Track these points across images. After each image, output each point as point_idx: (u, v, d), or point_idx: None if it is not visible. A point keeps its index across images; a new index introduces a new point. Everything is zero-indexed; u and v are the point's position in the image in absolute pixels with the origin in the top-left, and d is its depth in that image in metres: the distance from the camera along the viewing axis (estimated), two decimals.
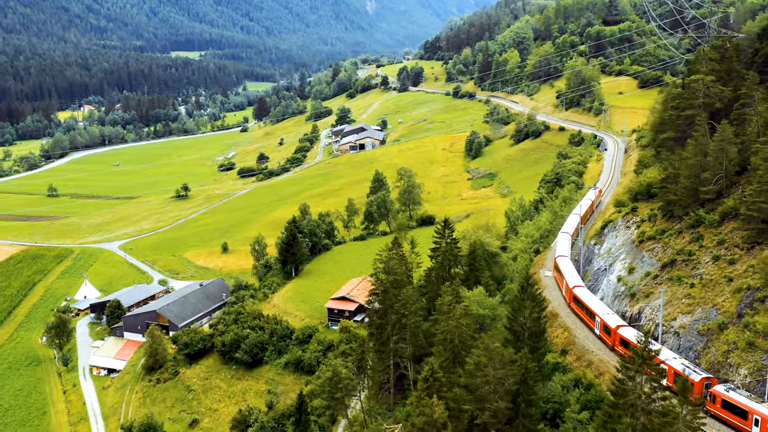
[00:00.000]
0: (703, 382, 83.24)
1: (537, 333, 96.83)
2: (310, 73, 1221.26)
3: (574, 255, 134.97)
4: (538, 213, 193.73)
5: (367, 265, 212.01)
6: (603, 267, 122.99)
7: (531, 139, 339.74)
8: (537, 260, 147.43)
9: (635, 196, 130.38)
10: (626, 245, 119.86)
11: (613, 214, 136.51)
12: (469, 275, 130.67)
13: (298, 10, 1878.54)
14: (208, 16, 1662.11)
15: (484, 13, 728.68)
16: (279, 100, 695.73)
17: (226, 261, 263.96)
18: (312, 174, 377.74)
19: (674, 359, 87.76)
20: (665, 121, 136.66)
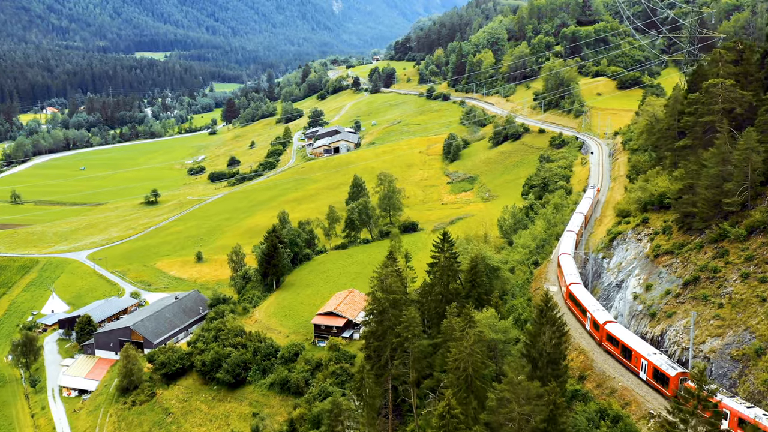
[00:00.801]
0: (678, 377, 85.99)
1: (557, 360, 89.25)
2: (278, 73, 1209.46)
3: (578, 252, 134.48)
4: (531, 221, 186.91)
5: (351, 276, 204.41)
6: (614, 282, 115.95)
7: (510, 141, 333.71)
8: (538, 273, 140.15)
9: (644, 206, 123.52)
10: (639, 259, 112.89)
11: (620, 225, 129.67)
12: (470, 291, 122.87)
13: (264, 10, 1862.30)
14: (172, 16, 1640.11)
15: (455, 13, 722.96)
16: (248, 101, 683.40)
17: (200, 271, 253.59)
18: (286, 178, 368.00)
19: (654, 354, 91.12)
20: (672, 127, 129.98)
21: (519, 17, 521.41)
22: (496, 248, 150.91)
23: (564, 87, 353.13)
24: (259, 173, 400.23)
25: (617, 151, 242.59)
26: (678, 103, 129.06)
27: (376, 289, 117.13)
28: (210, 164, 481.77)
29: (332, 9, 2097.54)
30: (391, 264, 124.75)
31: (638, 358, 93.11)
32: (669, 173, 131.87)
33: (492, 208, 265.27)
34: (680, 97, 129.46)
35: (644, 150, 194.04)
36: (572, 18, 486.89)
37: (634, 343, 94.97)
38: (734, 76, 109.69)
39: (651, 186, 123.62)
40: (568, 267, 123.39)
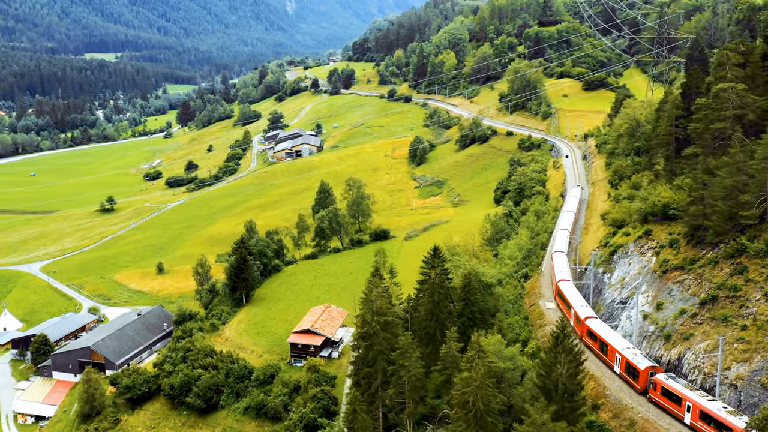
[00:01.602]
0: (648, 371, 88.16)
1: (573, 391, 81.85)
2: (232, 75, 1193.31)
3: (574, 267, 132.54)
4: (513, 230, 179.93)
5: (324, 288, 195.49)
6: (618, 299, 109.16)
7: (478, 144, 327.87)
8: (530, 288, 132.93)
9: (645, 217, 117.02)
10: (645, 275, 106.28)
11: (618, 237, 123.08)
12: (464, 310, 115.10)
13: (216, 11, 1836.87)
14: (123, 16, 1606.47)
15: (413, 13, 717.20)
16: (204, 103, 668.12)
17: (162, 283, 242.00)
18: (248, 184, 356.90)
19: (627, 349, 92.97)
20: (669, 133, 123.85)
21: (480, 18, 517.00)
22: (484, 261, 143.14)
23: (530, 89, 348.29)
24: (219, 178, 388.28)
25: (592, 154, 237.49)
26: (675, 108, 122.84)
27: (365, 311, 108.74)
28: (167, 169, 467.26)
29: (286, 9, 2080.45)
30: (378, 282, 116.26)
31: (613, 353, 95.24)
32: (666, 182, 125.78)
33: (463, 214, 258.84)
34: (678, 101, 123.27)
35: (626, 154, 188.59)
36: (534, 18, 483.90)
37: (610, 338, 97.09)
38: (739, 79, 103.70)
39: (653, 196, 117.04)
40: (560, 264, 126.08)
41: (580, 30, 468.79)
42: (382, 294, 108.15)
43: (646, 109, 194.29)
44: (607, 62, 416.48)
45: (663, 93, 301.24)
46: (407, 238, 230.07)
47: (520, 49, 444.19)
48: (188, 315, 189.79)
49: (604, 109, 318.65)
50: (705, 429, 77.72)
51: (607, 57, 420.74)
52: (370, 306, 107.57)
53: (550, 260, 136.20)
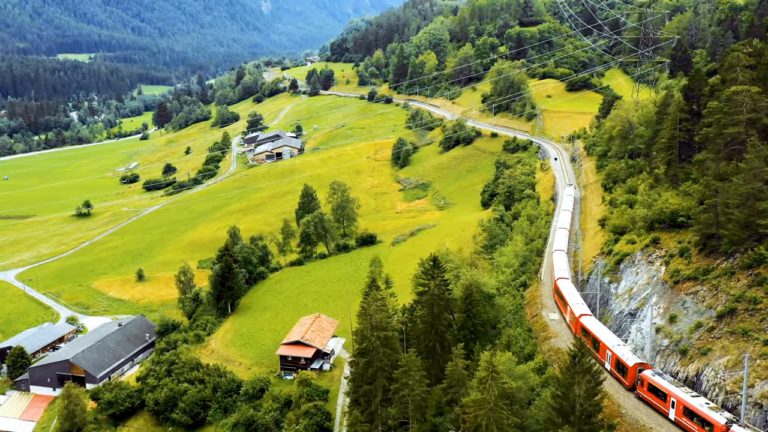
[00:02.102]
0: (636, 368, 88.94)
1: (592, 413, 77.50)
2: (208, 75, 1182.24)
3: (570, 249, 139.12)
4: (506, 235, 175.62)
5: (312, 296, 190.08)
6: (626, 311, 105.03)
7: (462, 146, 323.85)
8: (530, 297, 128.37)
9: (651, 225, 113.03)
10: (655, 285, 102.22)
11: (622, 244, 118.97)
12: (465, 323, 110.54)
13: (191, 11, 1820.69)
14: (96, 16, 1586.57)
15: (391, 13, 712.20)
16: (181, 105, 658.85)
17: (143, 291, 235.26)
18: (228, 187, 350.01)
19: (618, 346, 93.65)
20: (673, 137, 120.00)
21: (460, 18, 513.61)
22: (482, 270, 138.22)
23: (514, 90, 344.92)
24: (198, 181, 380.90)
25: (581, 156, 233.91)
26: (679, 111, 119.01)
27: (364, 326, 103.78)
28: (144, 172, 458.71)
29: (261, 9, 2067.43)
30: (377, 294, 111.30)
31: (604, 350, 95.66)
32: (671, 187, 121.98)
33: (450, 217, 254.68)
34: (682, 104, 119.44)
35: (619, 157, 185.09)
36: (514, 19, 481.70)
37: (602, 336, 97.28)
38: (751, 82, 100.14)
39: (658, 202, 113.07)
40: (559, 263, 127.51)
41: (561, 30, 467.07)
42: (381, 308, 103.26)
43: (637, 111, 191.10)
44: (589, 63, 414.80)
45: (649, 94, 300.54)
46: (395, 243, 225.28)
47: (501, 49, 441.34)
48: (171, 325, 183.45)
49: (589, 110, 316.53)
50: (688, 424, 78.73)
51: (589, 57, 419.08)
52: (368, 320, 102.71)
53: (549, 259, 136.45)
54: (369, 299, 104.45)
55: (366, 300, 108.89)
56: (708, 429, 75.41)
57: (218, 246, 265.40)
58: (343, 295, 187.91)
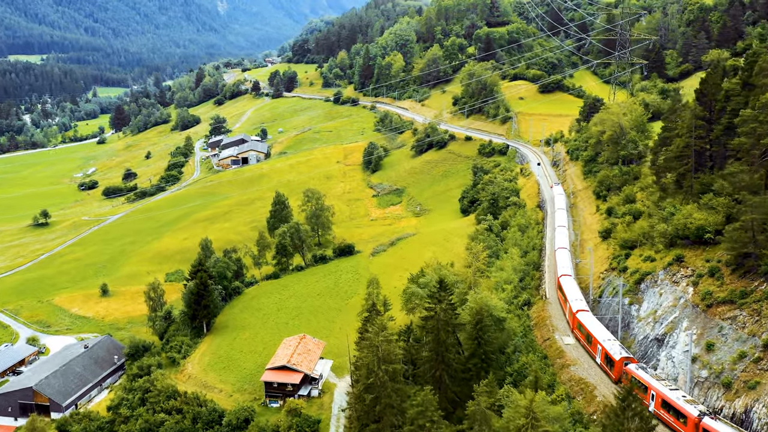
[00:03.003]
0: (622, 361, 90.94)
1: None
2: (165, 77, 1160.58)
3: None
4: (498, 247, 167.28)
5: (291, 312, 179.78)
6: (651, 335, 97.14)
7: (435, 149, 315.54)
8: (537, 317, 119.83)
9: (671, 241, 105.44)
10: (683, 308, 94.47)
11: (638, 262, 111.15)
12: (476, 351, 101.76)
13: (146, 11, 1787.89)
14: (48, 17, 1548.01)
15: (354, 14, 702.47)
16: (139, 107, 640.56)
17: (108, 307, 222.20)
18: (193, 194, 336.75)
19: (607, 341, 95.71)
20: (689, 146, 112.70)
21: (426, 18, 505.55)
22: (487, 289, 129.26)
23: (487, 92, 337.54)
24: (161, 188, 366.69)
25: (564, 161, 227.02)
26: (694, 118, 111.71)
27: (370, 360, 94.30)
28: (103, 178, 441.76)
29: (217, 10, 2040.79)
30: (378, 320, 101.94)
31: (596, 344, 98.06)
32: (686, 199, 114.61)
33: (428, 225, 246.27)
34: (698, 111, 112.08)
35: (611, 163, 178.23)
36: (481, 19, 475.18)
37: (594, 330, 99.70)
38: None
39: (679, 216, 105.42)
40: (562, 260, 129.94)
41: (529, 31, 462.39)
42: (388, 338, 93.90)
43: (626, 116, 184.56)
44: (558, 64, 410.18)
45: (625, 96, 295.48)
46: (374, 253, 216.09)
47: (470, 50, 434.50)
48: (142, 347, 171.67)
49: (565, 113, 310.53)
50: (665, 416, 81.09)
51: (558, 59, 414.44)
52: (374, 352, 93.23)
53: (552, 259, 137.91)
54: (375, 328, 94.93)
55: (369, 328, 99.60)
56: (683, 421, 77.50)
57: (186, 257, 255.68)
58: (324, 310, 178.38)
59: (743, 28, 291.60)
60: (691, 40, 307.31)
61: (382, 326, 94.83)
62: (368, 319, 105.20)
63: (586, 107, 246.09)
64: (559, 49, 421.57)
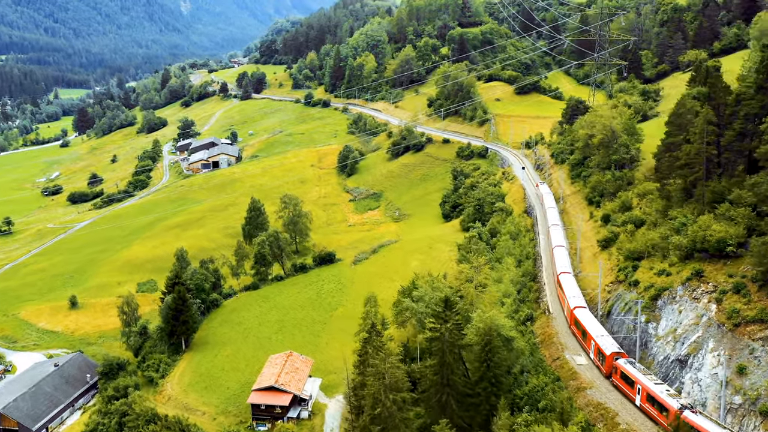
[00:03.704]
0: (612, 356, 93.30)
1: None
2: (128, 78, 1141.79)
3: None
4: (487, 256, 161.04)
5: (274, 326, 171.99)
6: (672, 356, 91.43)
7: (412, 152, 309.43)
8: (543, 334, 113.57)
9: (689, 254, 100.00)
10: (707, 327, 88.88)
11: (654, 276, 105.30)
12: (485, 374, 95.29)
13: (107, 11, 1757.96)
14: (6, 17, 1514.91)
15: (322, 14, 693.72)
16: (103, 109, 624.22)
17: (77, 320, 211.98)
18: (163, 199, 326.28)
19: (601, 336, 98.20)
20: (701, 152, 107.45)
21: (398, 18, 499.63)
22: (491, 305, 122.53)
23: (463, 93, 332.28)
24: (129, 193, 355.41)
25: (549, 165, 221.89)
26: (706, 123, 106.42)
27: (376, 387, 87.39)
28: (67, 182, 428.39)
29: (180, 10, 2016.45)
30: (377, 340, 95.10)
31: (590, 339, 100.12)
32: (696, 209, 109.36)
33: (409, 231, 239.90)
34: (710, 116, 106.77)
35: (602, 168, 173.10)
36: (453, 20, 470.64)
37: (589, 326, 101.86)
38: None
39: (695, 228, 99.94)
40: (560, 258, 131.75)
41: (501, 32, 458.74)
42: (396, 365, 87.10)
43: (615, 119, 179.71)
44: (532, 64, 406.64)
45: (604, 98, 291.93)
46: (356, 261, 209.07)
47: (443, 50, 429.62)
48: (117, 364, 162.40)
49: (544, 114, 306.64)
50: (650, 410, 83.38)
51: (531, 59, 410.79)
52: (380, 380, 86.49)
53: (549, 257, 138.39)
54: (381, 354, 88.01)
55: (369, 349, 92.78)
56: (665, 414, 79.89)
57: (158, 266, 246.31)
58: (308, 323, 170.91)
59: (719, 28, 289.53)
60: (667, 41, 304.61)
61: (389, 352, 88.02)
62: (368, 341, 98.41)
63: (568, 109, 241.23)
64: (533, 51, 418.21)
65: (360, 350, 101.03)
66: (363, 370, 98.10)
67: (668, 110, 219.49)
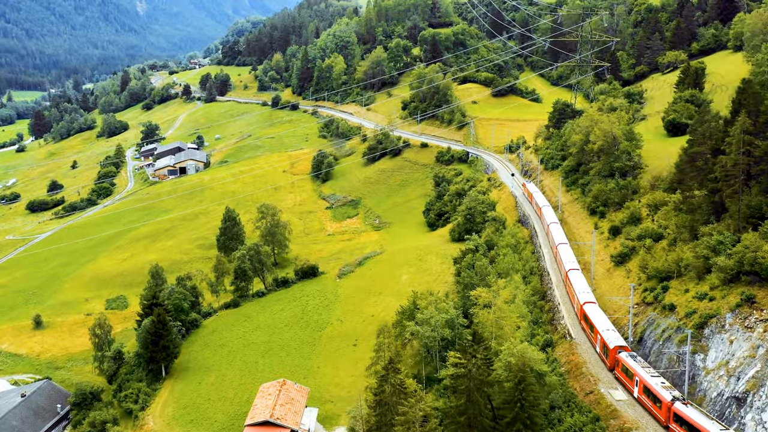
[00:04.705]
0: (616, 350, 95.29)
1: None
2: (84, 80, 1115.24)
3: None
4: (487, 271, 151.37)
5: (260, 349, 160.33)
6: (727, 392, 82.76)
7: (389, 157, 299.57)
8: (567, 362, 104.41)
9: (734, 276, 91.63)
10: (765, 361, 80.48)
11: (696, 301, 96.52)
12: (518, 415, 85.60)
13: (61, 11, 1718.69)
14: None
15: (286, 14, 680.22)
16: (61, 113, 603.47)
17: (43, 342, 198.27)
18: (129, 208, 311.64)
19: (606, 330, 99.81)
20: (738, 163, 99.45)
21: (366, 19, 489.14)
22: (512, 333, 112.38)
23: (440, 96, 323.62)
24: (93, 201, 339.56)
25: (540, 171, 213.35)
26: (743, 133, 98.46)
27: None
28: (25, 190, 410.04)
29: (136, 10, 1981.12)
30: (395, 377, 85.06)
31: (596, 334, 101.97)
32: (732, 225, 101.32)
33: (393, 241, 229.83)
34: (747, 124, 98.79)
35: (603, 176, 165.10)
36: (423, 20, 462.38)
37: (596, 320, 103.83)
38: None
39: (740, 248, 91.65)
40: (566, 255, 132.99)
41: (472, 32, 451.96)
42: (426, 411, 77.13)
43: (614, 124, 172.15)
44: (505, 66, 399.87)
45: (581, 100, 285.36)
46: (341, 275, 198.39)
47: (415, 51, 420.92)
48: (90, 393, 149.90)
49: (523, 117, 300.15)
50: (646, 401, 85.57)
51: (504, 61, 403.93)
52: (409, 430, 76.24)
53: (565, 278, 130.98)
54: (411, 400, 78.07)
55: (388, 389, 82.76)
56: (658, 405, 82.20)
57: (127, 280, 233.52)
58: (297, 345, 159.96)
59: (695, 29, 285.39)
60: (644, 42, 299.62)
61: (419, 397, 78.12)
62: (385, 379, 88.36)
63: (555, 113, 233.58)
64: (507, 53, 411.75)
65: (376, 388, 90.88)
66: (381, 411, 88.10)
67: (654, 113, 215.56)
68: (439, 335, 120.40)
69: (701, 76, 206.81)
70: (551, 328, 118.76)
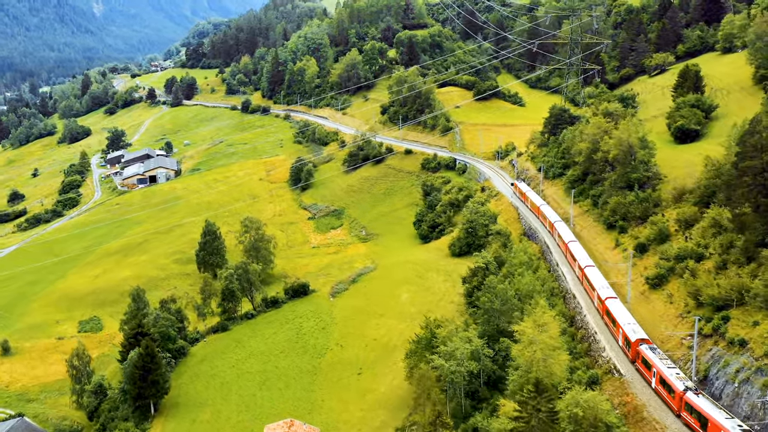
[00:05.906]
0: (637, 342, 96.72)
1: None
2: (41, 83, 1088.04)
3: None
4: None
5: (256, 379, 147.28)
6: None
7: (372, 164, 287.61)
8: (621, 404, 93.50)
9: None
10: None
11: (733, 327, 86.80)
12: None
13: (14, 13, 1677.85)
14: None
15: (252, 16, 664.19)
16: (19, 118, 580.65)
17: (12, 370, 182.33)
18: (98, 220, 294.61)
19: (627, 324, 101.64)
20: None
21: (338, 21, 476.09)
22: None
23: (422, 100, 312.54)
24: (58, 213, 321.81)
25: (541, 181, 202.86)
26: None
27: None
28: None
29: (93, 11, 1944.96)
30: None
31: (618, 328, 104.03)
32: None
33: (383, 253, 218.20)
34: None
35: (619, 187, 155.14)
36: (396, 22, 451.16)
37: (617, 314, 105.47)
38: None
39: None
40: (578, 252, 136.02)
41: (447, 34, 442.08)
42: None
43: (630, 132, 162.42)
44: (483, 68, 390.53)
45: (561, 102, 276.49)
46: (334, 293, 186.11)
47: (391, 53, 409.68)
48: None
49: (509, 122, 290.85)
50: (662, 391, 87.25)
51: (481, 63, 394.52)
52: None
53: (581, 275, 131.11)
54: None
55: None
56: (672, 395, 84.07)
57: (100, 299, 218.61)
58: (296, 375, 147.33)
59: (680, 30, 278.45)
60: (628, 44, 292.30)
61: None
62: None
63: (551, 118, 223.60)
64: (486, 56, 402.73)
65: None
66: None
67: (650, 117, 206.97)
68: (465, 369, 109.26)
69: (700, 79, 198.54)
70: (590, 361, 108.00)
